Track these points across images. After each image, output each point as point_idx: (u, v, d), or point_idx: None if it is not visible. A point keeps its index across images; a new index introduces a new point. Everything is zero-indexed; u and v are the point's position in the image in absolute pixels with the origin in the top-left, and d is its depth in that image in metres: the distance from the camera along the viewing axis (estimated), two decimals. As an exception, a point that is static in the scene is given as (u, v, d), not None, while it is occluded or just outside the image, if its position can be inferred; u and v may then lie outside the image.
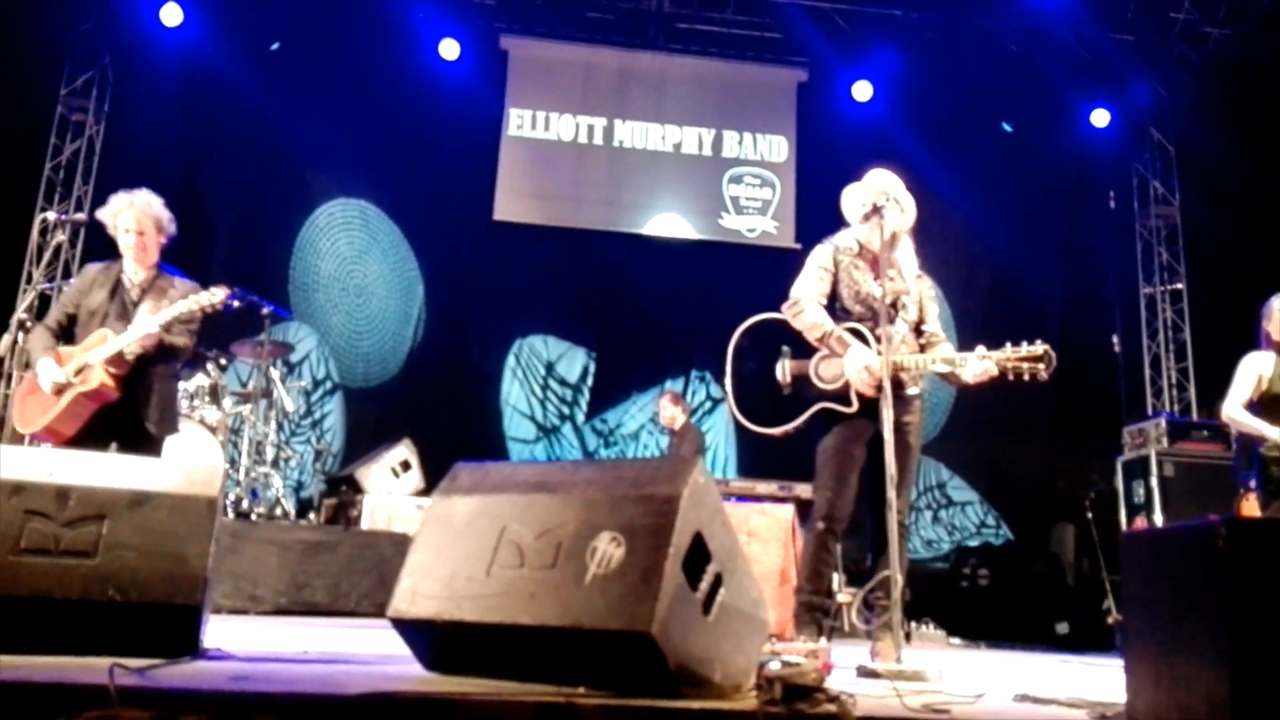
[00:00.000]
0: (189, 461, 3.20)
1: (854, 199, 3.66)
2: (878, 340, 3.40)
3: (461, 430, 8.47)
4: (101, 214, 4.01)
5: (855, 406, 3.44)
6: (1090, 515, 6.86)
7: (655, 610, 1.99)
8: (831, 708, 1.97)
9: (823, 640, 3.24)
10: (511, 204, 9.12)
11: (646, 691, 2.00)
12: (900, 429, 3.35)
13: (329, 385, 8.84)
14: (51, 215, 4.20)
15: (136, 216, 3.95)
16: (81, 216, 4.38)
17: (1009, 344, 3.39)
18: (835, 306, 3.60)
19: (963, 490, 9.25)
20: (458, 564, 2.28)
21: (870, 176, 3.68)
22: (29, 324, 3.83)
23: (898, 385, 3.41)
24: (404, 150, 8.98)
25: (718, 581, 2.21)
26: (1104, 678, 3.58)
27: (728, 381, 3.73)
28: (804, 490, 5.78)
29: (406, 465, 6.83)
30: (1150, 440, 6.76)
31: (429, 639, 2.31)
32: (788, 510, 5.53)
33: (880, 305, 3.38)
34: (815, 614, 3.40)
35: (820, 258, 3.67)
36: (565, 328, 9.17)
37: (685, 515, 2.13)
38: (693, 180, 9.35)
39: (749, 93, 9.48)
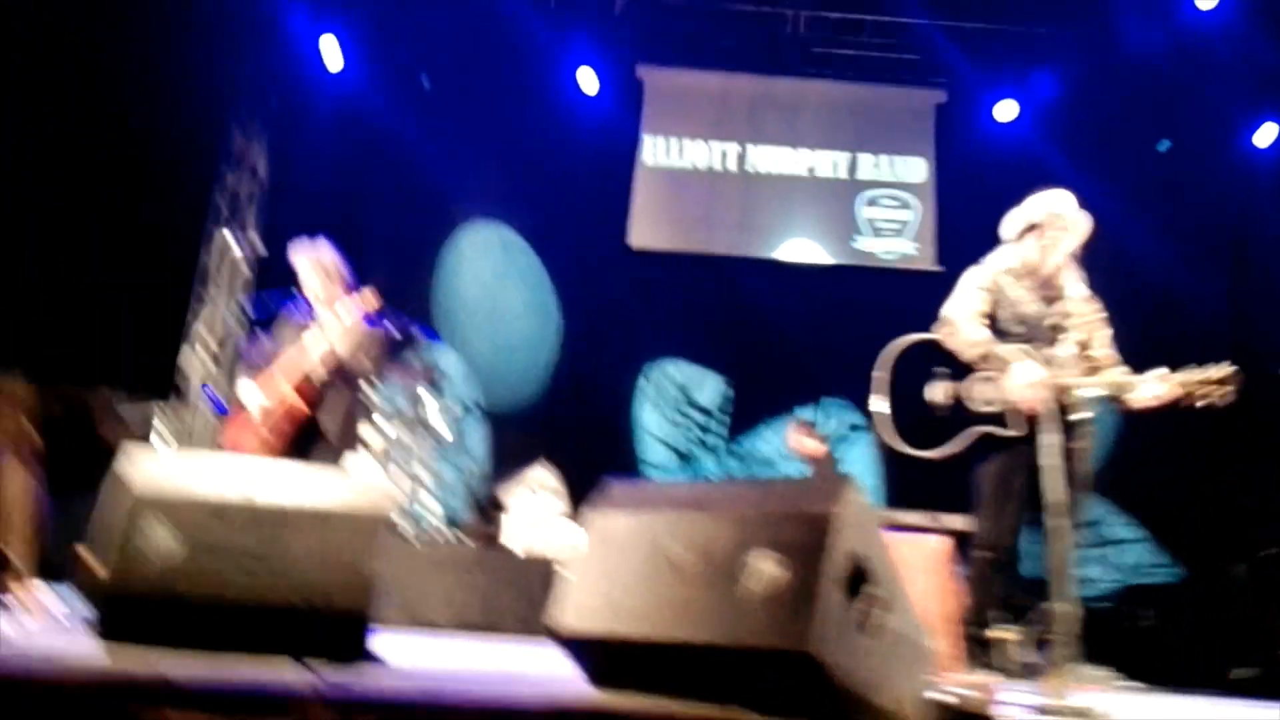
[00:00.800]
0: (362, 479, 3.40)
1: (1018, 217, 3.57)
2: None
3: (598, 453, 8.56)
4: (299, 269, 4.50)
5: (1017, 430, 3.32)
6: (1276, 550, 6.38)
7: (813, 628, 1.97)
8: (1003, 738, 1.91)
9: (987, 673, 3.12)
10: (646, 231, 9.24)
11: (807, 713, 1.98)
12: (1067, 455, 3.22)
13: (472, 408, 9.14)
14: (228, 234, 4.58)
15: (321, 273, 4.44)
16: (258, 243, 4.78)
17: (1193, 365, 3.22)
18: (993, 328, 3.50)
19: (1126, 527, 8.76)
20: (617, 580, 2.32)
21: (1039, 195, 3.58)
22: (208, 339, 4.18)
23: (1064, 409, 3.28)
24: (542, 177, 9.25)
25: (877, 602, 2.18)
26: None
27: (879, 402, 3.65)
28: (953, 521, 5.58)
29: (545, 485, 6.98)
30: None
31: (589, 653, 2.36)
32: (938, 541, 5.35)
33: (1042, 326, 3.27)
34: (978, 646, 3.29)
35: (976, 278, 3.58)
36: (699, 353, 9.20)
37: (842, 533, 2.10)
38: (826, 203, 9.26)
39: (885, 115, 9.34)
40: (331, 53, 8.94)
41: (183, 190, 8.78)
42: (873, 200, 9.20)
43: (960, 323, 3.48)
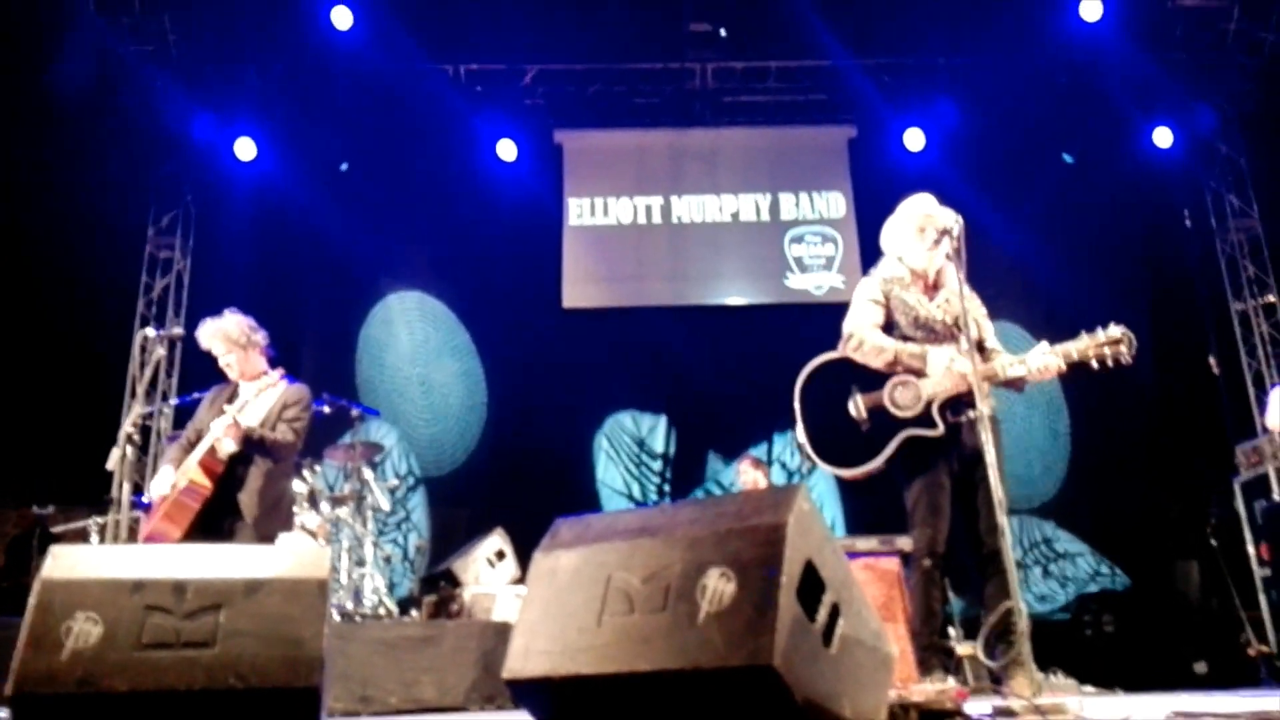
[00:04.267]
0: (297, 547, 3.25)
1: (906, 227, 3.63)
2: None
3: (557, 516, 8.38)
4: (203, 347, 4.25)
5: (940, 429, 3.35)
6: (1214, 543, 6.50)
7: (775, 642, 1.92)
8: (973, 730, 1.88)
9: (950, 680, 3.08)
10: (578, 290, 9.26)
11: (773, 730, 1.92)
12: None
13: (411, 481, 8.93)
14: (150, 332, 4.38)
15: (220, 340, 4.19)
16: (179, 331, 4.61)
17: (1084, 332, 3.35)
18: (892, 335, 3.55)
19: (1071, 542, 8.86)
20: (567, 617, 2.25)
21: (906, 202, 3.67)
22: (135, 438, 3.99)
23: (968, 405, 3.31)
24: (469, 248, 9.23)
25: (835, 611, 2.14)
26: (1258, 706, 3.32)
27: (800, 432, 3.62)
28: (906, 543, 5.60)
29: (501, 555, 6.82)
30: (1266, 457, 6.44)
31: (547, 698, 2.27)
32: (892, 563, 5.36)
33: (942, 326, 3.35)
34: (937, 655, 3.25)
35: (868, 290, 3.64)
36: (651, 403, 9.18)
37: (794, 543, 2.07)
38: (754, 246, 9.40)
39: (801, 154, 9.56)
40: (244, 147, 8.89)
41: (108, 300, 8.64)
42: (798, 238, 9.36)
43: (862, 332, 3.51)
